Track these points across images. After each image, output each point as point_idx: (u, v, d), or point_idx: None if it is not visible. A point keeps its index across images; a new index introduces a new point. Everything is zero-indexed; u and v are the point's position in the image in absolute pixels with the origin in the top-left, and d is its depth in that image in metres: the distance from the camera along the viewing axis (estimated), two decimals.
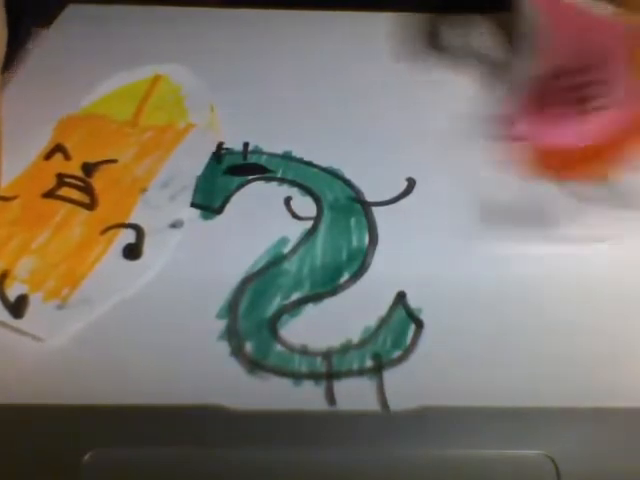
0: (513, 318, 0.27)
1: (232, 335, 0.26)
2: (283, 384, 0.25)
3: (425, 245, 0.30)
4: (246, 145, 0.34)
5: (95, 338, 0.26)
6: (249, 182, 0.32)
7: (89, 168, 0.32)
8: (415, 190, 0.32)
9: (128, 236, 0.29)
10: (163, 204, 0.31)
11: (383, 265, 0.29)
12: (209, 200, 0.31)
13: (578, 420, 0.24)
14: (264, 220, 0.31)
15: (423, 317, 0.27)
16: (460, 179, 0.32)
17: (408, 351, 0.26)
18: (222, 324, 0.26)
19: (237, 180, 0.33)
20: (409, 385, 0.25)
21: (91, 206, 0.30)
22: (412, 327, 0.26)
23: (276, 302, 0.27)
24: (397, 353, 0.26)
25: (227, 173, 0.33)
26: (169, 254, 0.29)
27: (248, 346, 0.26)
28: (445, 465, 0.22)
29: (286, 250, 0.29)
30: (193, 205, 0.31)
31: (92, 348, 0.26)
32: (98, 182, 0.32)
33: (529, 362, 0.26)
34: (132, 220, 0.30)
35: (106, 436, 0.23)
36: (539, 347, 0.26)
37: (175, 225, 0.30)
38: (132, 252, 0.29)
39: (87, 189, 0.31)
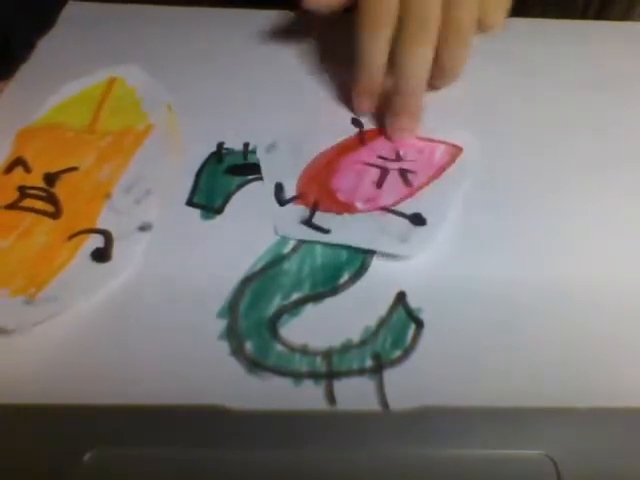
0: (513, 318, 0.27)
1: (232, 335, 0.26)
2: (283, 384, 0.25)
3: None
4: (246, 145, 0.34)
5: (95, 338, 0.26)
6: (249, 182, 0.32)
7: (51, 178, 0.32)
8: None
9: (96, 241, 0.29)
10: (129, 208, 0.31)
11: (383, 265, 0.29)
12: (209, 200, 0.31)
13: (578, 420, 0.24)
14: (264, 220, 0.31)
15: (423, 317, 0.27)
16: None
17: (408, 351, 0.26)
18: (222, 324, 0.26)
19: (237, 180, 0.33)
20: (409, 385, 0.25)
21: (56, 215, 0.30)
22: (412, 327, 0.26)
23: (276, 302, 0.27)
24: (397, 353, 0.26)
25: (227, 173, 0.33)
26: (139, 256, 0.29)
27: (248, 346, 0.26)
28: (445, 465, 0.22)
29: (286, 250, 0.29)
30: (193, 205, 0.31)
31: (92, 348, 0.26)
32: (61, 191, 0.31)
33: (529, 362, 0.26)
34: (99, 226, 0.30)
35: (106, 436, 0.23)
36: (539, 347, 0.26)
37: (143, 228, 0.30)
38: (101, 255, 0.29)
39: (50, 198, 0.31)
